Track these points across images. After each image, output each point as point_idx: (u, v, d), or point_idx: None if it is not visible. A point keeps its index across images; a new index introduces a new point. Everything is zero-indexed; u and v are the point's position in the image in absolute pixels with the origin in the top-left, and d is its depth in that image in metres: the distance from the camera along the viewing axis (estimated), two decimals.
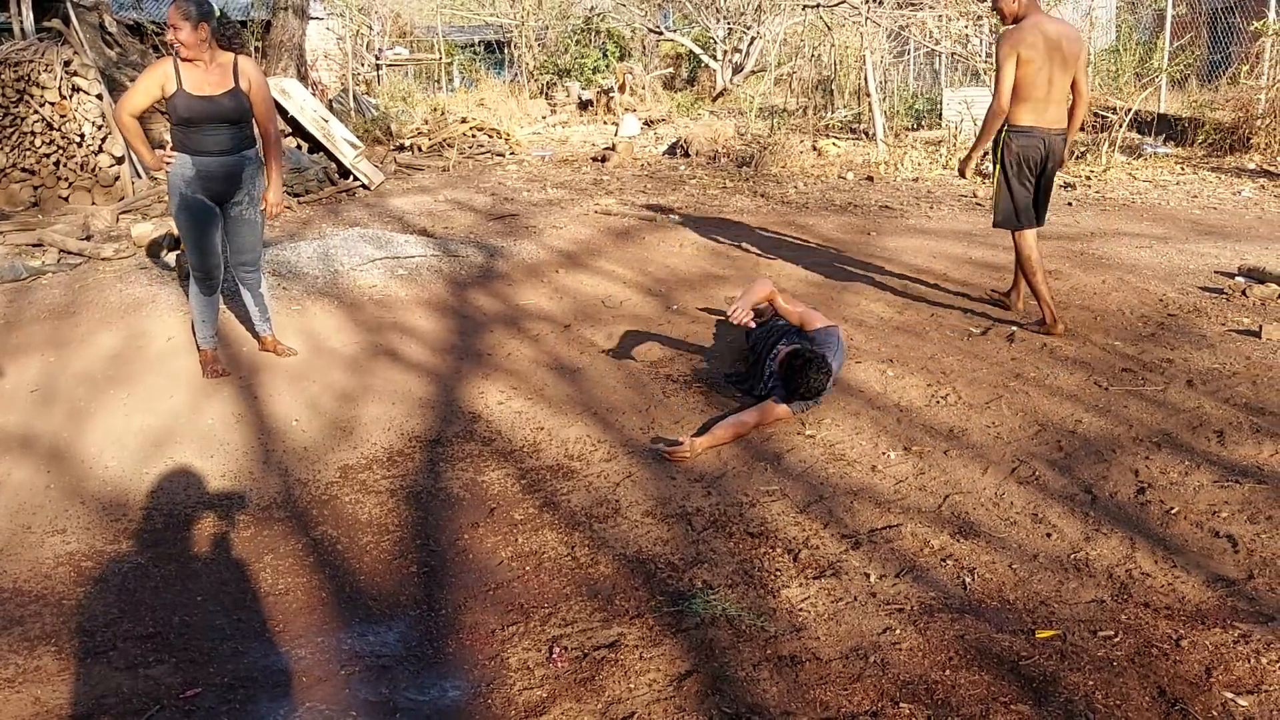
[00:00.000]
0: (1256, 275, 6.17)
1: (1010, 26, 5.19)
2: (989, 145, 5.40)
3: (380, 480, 3.94)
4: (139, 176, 9.93)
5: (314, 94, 14.78)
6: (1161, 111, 12.86)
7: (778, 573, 3.19)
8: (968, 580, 3.11)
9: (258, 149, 5.01)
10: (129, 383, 5.00)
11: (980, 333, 5.44)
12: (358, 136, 12.03)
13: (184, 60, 4.65)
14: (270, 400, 4.78)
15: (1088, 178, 10.17)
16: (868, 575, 3.16)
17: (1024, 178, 5.29)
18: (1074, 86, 5.27)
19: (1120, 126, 11.13)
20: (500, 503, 3.73)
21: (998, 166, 5.34)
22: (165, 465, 4.10)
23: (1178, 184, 9.90)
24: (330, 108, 14.44)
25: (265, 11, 15.55)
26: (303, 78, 13.83)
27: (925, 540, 3.36)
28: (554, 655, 2.79)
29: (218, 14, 4.76)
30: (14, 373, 5.14)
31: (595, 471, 3.98)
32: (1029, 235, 5.36)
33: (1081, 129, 12.48)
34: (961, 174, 5.64)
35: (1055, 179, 5.57)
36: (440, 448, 4.24)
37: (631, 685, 2.66)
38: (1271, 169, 10.30)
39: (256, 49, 13.68)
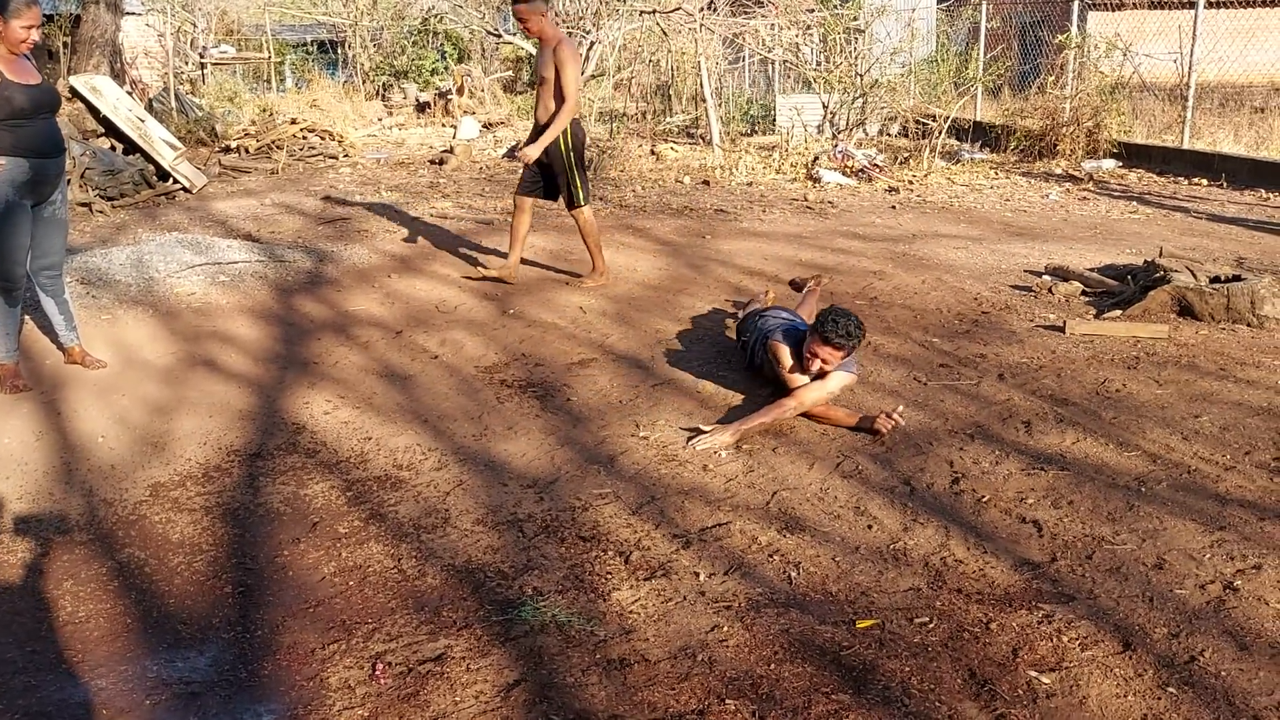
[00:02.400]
0: (1061, 274, 6.55)
1: (564, 37, 6.12)
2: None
3: (194, 497, 3.73)
4: None
5: (134, 92, 14.00)
6: (977, 119, 13.58)
7: (609, 576, 3.18)
8: (793, 574, 3.18)
9: None
10: None
11: None
12: (180, 138, 11.48)
13: (13, 56, 4.40)
14: (75, 416, 4.48)
15: (910, 182, 10.63)
16: (697, 574, 3.18)
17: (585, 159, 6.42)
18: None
19: (939, 133, 11.67)
20: (324, 516, 3.60)
21: (571, 154, 6.25)
22: None
23: (992, 188, 10.45)
24: (151, 107, 13.72)
25: (75, 5, 14.64)
26: (118, 75, 13.10)
27: (753, 537, 3.41)
28: (377, 672, 2.70)
29: None
30: None
31: (425, 481, 3.88)
32: (591, 211, 6.57)
33: (905, 135, 13.06)
34: (527, 160, 6.26)
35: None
36: (261, 461, 4.06)
37: (457, 698, 2.60)
38: (1075, 173, 11.00)
39: (65, 44, 12.88)
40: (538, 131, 6.22)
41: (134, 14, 20.13)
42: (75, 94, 10.30)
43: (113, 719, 2.53)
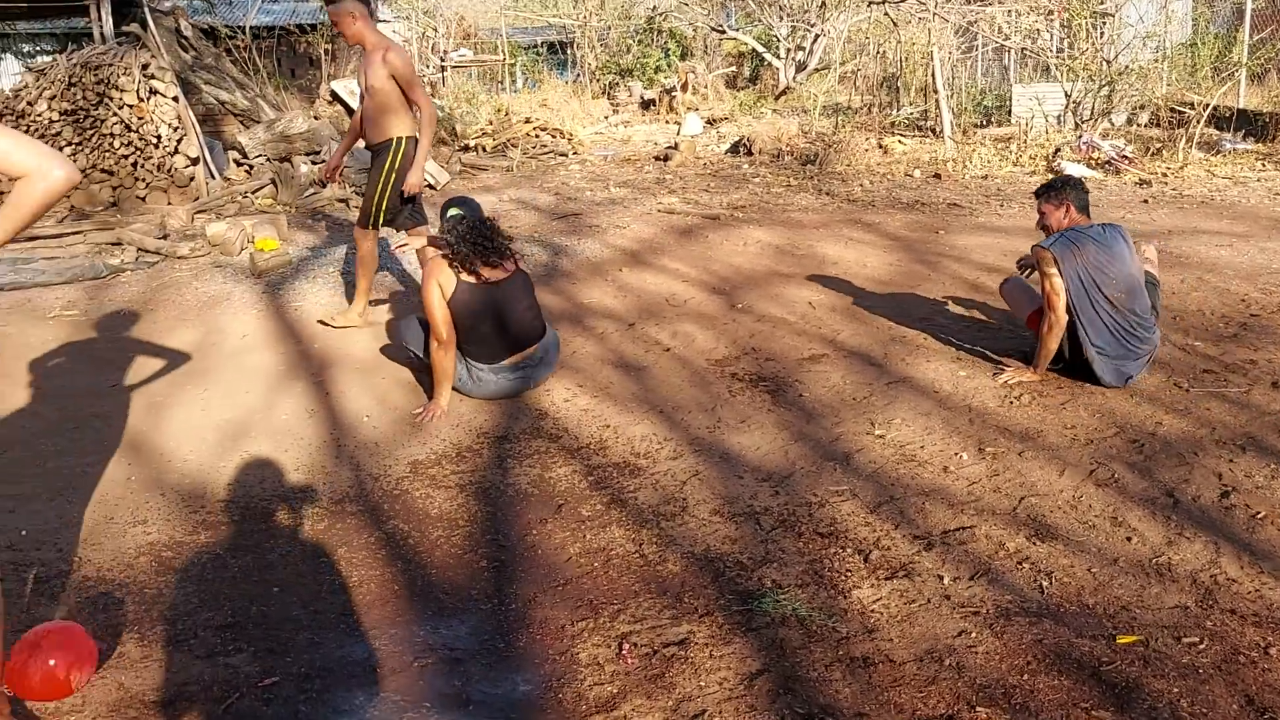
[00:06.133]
0: None
1: (392, 43, 5.40)
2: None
3: (449, 475, 3.97)
4: (213, 177, 10.15)
5: None
6: (1240, 106, 12.51)
7: (848, 573, 3.15)
8: (1045, 584, 3.05)
9: None
10: (205, 378, 5.10)
11: None
12: None
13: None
14: (341, 396, 4.84)
15: (1164, 175, 9.92)
16: (941, 577, 3.10)
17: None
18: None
19: (1198, 122, 10.84)
20: (568, 499, 3.74)
21: (393, 173, 5.47)
22: (242, 458, 4.18)
23: (1259, 180, 9.61)
24: None
25: None
26: None
27: (1000, 542, 3.29)
28: (624, 651, 2.78)
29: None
30: (93, 369, 5.28)
31: (662, 469, 3.97)
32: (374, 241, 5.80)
33: (1158, 124, 12.21)
34: (415, 189, 5.53)
35: None
36: (507, 444, 4.26)
37: (702, 683, 2.65)
38: None
39: (326, 52, 13.89)
40: (372, 152, 5.56)
41: (384, 21, 21.49)
42: (335, 97, 11.12)
43: (386, 678, 2.72)
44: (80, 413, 4.71)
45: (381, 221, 5.63)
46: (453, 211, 4.88)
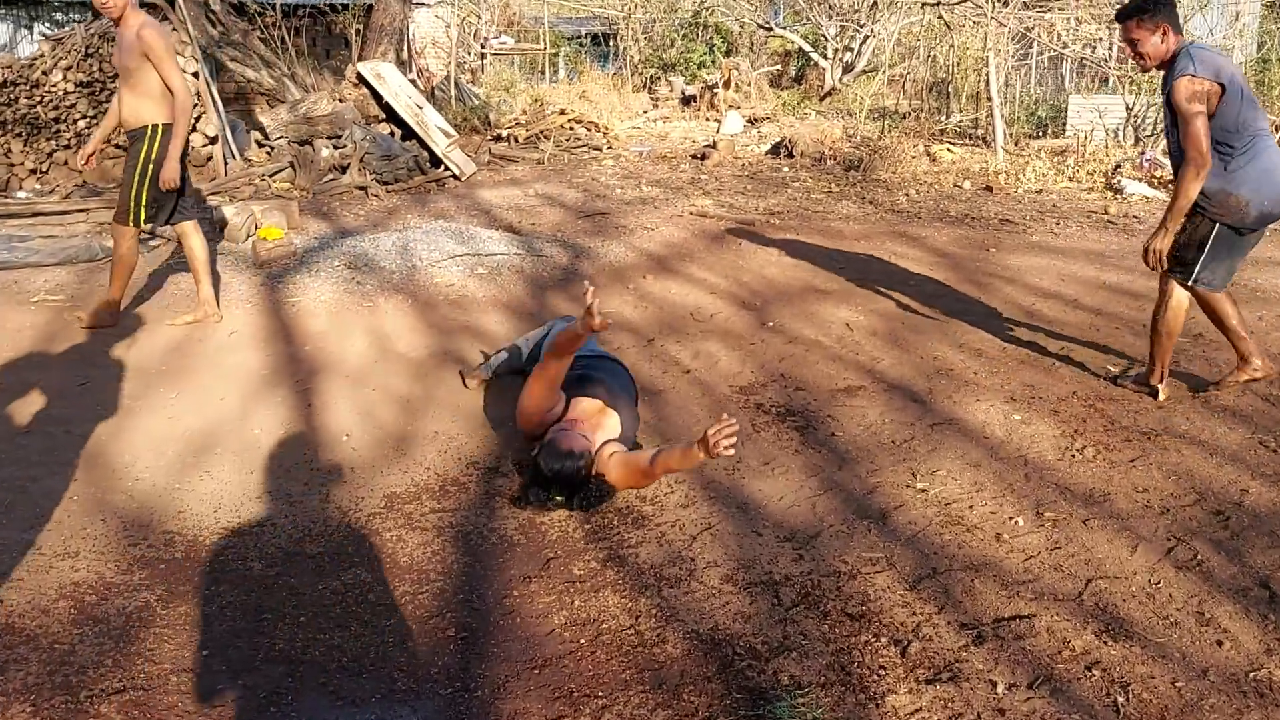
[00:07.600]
0: None
1: (148, 19, 5.01)
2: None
3: (428, 514, 3.48)
4: (232, 158, 9.77)
5: (421, 80, 14.55)
6: None
7: (882, 671, 2.64)
8: (1120, 699, 2.52)
9: None
10: (181, 379, 4.67)
11: (1119, 373, 4.78)
12: (456, 125, 11.72)
13: None
14: (324, 409, 4.38)
15: None
16: (994, 683, 2.59)
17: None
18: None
19: None
20: (559, 552, 3.25)
21: (150, 165, 5.12)
22: (200, 480, 3.72)
23: None
24: (433, 95, 14.20)
25: None
26: (405, 63, 13.59)
27: (1064, 639, 2.77)
28: None
29: None
30: (64, 363, 4.86)
31: (669, 519, 3.47)
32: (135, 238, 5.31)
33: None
34: (170, 184, 5.13)
35: None
36: (499, 478, 3.77)
37: None
38: None
39: (357, 32, 13.48)
40: (129, 139, 5.13)
41: (426, 5, 21.07)
42: (361, 80, 10.69)
43: None
44: (38, 415, 4.29)
45: (143, 218, 5.21)
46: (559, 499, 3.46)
